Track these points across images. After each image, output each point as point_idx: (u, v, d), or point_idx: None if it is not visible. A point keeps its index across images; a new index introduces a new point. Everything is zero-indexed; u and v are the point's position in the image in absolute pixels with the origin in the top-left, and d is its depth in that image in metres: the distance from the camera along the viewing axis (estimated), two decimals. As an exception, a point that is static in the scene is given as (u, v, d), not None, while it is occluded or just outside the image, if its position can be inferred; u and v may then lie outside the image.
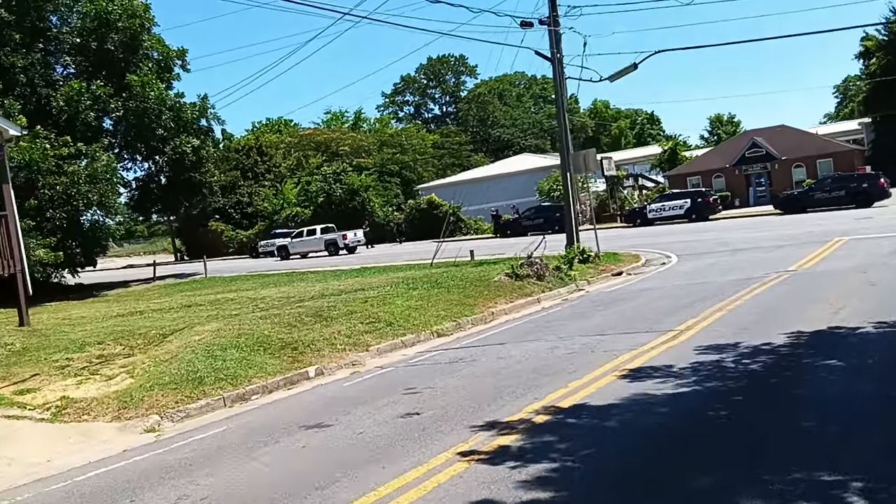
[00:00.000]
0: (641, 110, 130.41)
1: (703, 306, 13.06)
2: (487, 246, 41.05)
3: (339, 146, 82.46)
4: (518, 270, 19.15)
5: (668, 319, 12.13)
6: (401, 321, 14.82)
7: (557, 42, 28.22)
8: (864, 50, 61.15)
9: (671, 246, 28.85)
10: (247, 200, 67.79)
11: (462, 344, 12.95)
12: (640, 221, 45.18)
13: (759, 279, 16.11)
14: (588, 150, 25.84)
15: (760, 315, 11.34)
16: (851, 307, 11.00)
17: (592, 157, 25.05)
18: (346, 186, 59.92)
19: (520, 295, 18.15)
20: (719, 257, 22.85)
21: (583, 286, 20.26)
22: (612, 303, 15.92)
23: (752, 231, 31.35)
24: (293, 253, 51.19)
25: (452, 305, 16.30)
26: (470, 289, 18.08)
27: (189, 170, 42.65)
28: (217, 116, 43.74)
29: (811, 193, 40.43)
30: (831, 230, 27.13)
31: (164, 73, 41.13)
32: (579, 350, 10.39)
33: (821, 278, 14.99)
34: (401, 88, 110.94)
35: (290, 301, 18.59)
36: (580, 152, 25.47)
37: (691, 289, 16.30)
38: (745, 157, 52.97)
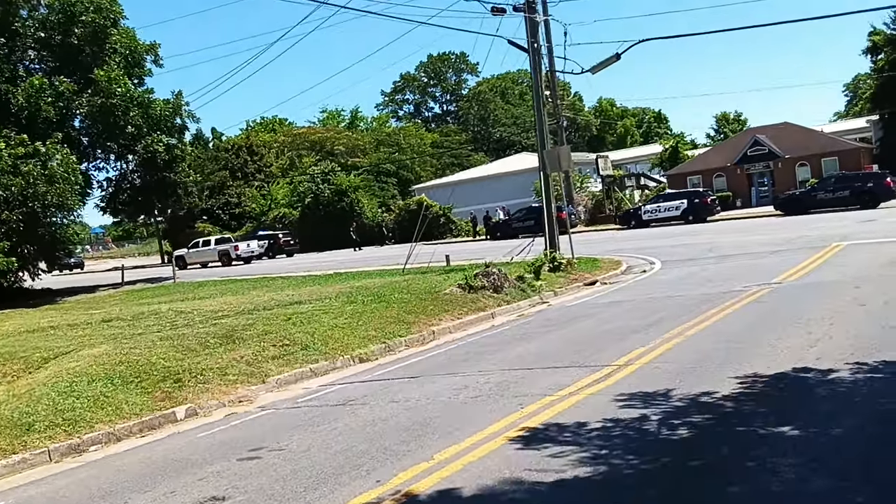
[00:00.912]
0: (649, 109, 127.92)
1: (661, 330, 11.04)
2: (472, 249, 39.13)
3: (334, 145, 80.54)
4: (472, 282, 17.13)
5: (612, 348, 10.10)
6: (319, 344, 12.85)
7: (534, 31, 26.21)
8: (872, 45, 58.71)
9: (658, 251, 26.81)
10: (235, 201, 65.93)
11: (374, 375, 10.96)
12: (634, 223, 43.02)
13: (737, 293, 14.07)
14: (561, 147, 23.79)
15: (718, 347, 9.29)
16: (830, 338, 8.94)
17: (566, 154, 22.98)
18: (335, 187, 57.94)
19: (471, 310, 16.14)
20: (704, 265, 20.79)
21: (548, 298, 18.26)
22: (566, 322, 13.90)
23: (746, 234, 29.23)
24: (190, 263, 50.60)
25: (388, 324, 14.31)
26: (414, 303, 16.08)
27: (162, 169, 40.79)
28: (192, 114, 41.78)
29: (813, 194, 38.17)
30: (830, 234, 25.05)
31: (134, 68, 39.28)
32: (488, 393, 8.38)
33: (805, 294, 12.92)
34: (400, 87, 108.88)
35: (215, 316, 16.63)
36: (553, 149, 23.40)
37: (659, 304, 14.29)
38: (748, 155, 50.69)
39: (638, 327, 11.70)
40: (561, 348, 10.80)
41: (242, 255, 49.36)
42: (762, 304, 12.36)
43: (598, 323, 13.05)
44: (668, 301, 14.53)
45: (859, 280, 13.91)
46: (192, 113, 41.96)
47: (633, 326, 11.88)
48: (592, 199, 53.03)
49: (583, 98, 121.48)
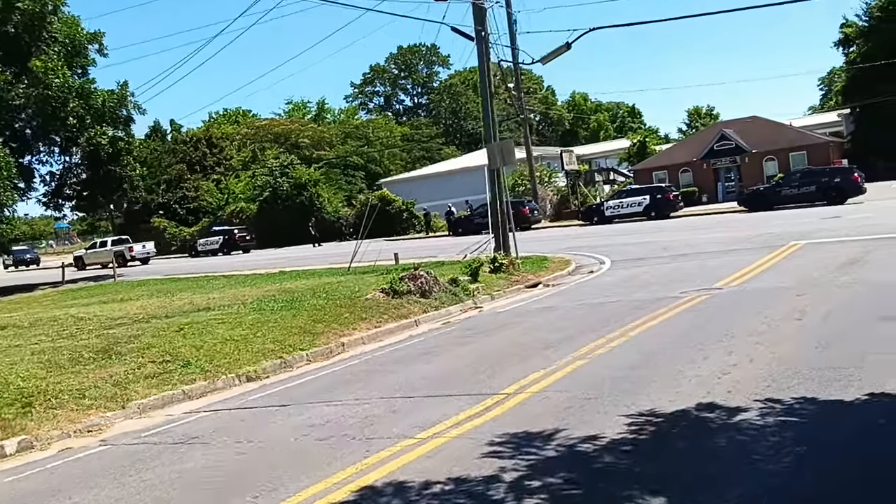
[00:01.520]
0: (623, 103, 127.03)
1: (576, 345, 9.78)
2: (428, 246, 37.84)
3: (299, 138, 78.73)
4: (397, 286, 15.78)
5: (514, 369, 8.82)
6: (203, 361, 11.46)
7: (481, 18, 24.87)
8: (844, 37, 57.92)
9: (612, 249, 25.64)
10: (193, 195, 64.06)
11: (246, 401, 9.61)
12: (597, 219, 41.85)
13: (673, 300, 12.84)
14: (504, 141, 22.45)
15: (624, 371, 8.02)
16: (751, 362, 7.68)
17: (509, 148, 21.63)
18: (294, 180, 56.30)
19: (392, 317, 14.80)
20: (653, 266, 19.60)
21: (483, 302, 16.98)
22: (486, 332, 12.61)
23: (706, 232, 28.10)
24: (89, 264, 50.26)
25: (291, 335, 12.93)
26: (329, 310, 14.72)
27: (106, 163, 39.13)
28: (138, 105, 40.01)
29: (778, 189, 37.09)
30: (790, 232, 23.98)
31: (75, 57, 37.51)
32: (344, 433, 7.03)
33: (742, 303, 11.70)
34: (370, 78, 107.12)
35: (111, 324, 15.19)
36: (495, 143, 22.04)
37: (589, 312, 13.04)
38: (714, 150, 49.63)
39: (554, 341, 10.42)
40: (462, 367, 9.50)
41: (137, 256, 49.53)
42: (693, 314, 11.12)
43: (517, 334, 11.76)
44: (600, 308, 13.28)
45: (806, 286, 12.72)
46: (138, 104, 40.18)
47: (549, 340, 10.60)
48: (558, 195, 51.79)
49: (556, 92, 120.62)
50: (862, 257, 15.86)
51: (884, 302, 10.29)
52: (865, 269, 14.06)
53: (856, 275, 13.45)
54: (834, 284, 12.60)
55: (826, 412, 5.89)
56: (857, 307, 10.17)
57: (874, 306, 10.02)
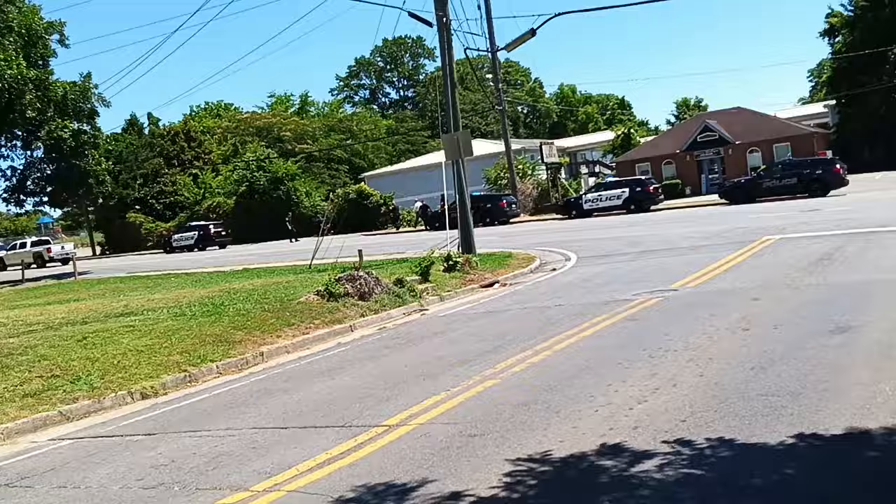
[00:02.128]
0: (613, 95, 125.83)
1: (497, 358, 8.72)
2: (402, 242, 36.71)
3: (281, 131, 77.40)
4: (333, 288, 14.63)
5: (414, 390, 7.74)
6: (95, 375, 10.32)
7: (443, 3, 23.66)
8: (829, 27, 56.88)
9: (583, 245, 24.58)
10: (170, 189, 62.72)
11: (115, 427, 8.47)
12: (575, 213, 40.69)
13: (622, 304, 11.75)
14: (461, 132, 21.24)
15: (535, 392, 6.93)
16: (673, 387, 6.56)
17: (466, 139, 20.45)
18: (271, 174, 55.02)
19: (325, 322, 13.67)
20: (616, 263, 18.53)
21: (431, 304, 15.88)
22: (413, 340, 11.51)
23: (681, 226, 27.03)
24: (9, 265, 49.76)
25: (204, 344, 11.79)
26: (254, 315, 13.58)
27: (69, 157, 37.83)
28: (103, 98, 38.76)
29: (760, 181, 36.00)
30: (766, 226, 22.97)
31: (32, 48, 36.18)
32: (174, 482, 5.87)
33: (691, 309, 10.59)
34: (356, 71, 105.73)
35: (24, 330, 14.04)
36: (451, 134, 20.85)
37: (530, 317, 11.95)
38: (697, 141, 48.55)
39: (477, 353, 9.32)
40: (360, 388, 8.39)
41: (56, 256, 49.30)
42: (635, 322, 10.00)
43: (444, 344, 10.64)
44: (543, 313, 12.17)
45: (767, 288, 11.64)
46: (102, 97, 39.00)
47: (473, 352, 9.49)
48: (538, 188, 50.61)
49: (543, 84, 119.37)
50: (832, 254, 14.80)
51: (842, 307, 9.21)
52: (833, 268, 12.99)
53: (821, 275, 12.37)
54: (794, 286, 11.51)
55: (740, 461, 4.77)
56: (812, 314, 9.08)
57: (831, 313, 8.93)
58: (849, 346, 7.24)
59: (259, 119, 78.83)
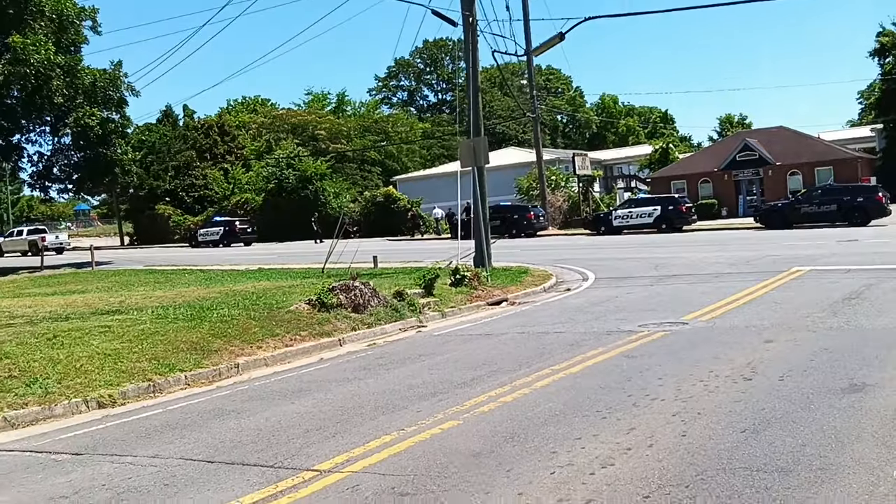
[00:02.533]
0: (656, 108, 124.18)
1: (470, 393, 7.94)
2: (423, 249, 36.07)
3: (316, 129, 77.13)
4: (326, 298, 13.92)
5: (366, 426, 6.96)
6: (54, 378, 9.70)
7: (469, 2, 22.91)
8: (880, 46, 54.89)
9: (604, 264, 23.72)
10: (200, 183, 62.69)
11: (49, 441, 7.79)
12: (604, 229, 39.68)
13: (624, 335, 10.90)
14: (477, 139, 20.40)
15: (492, 441, 6.11)
16: (649, 448, 5.69)
17: (482, 146, 19.60)
18: (299, 173, 54.64)
19: (312, 334, 12.95)
20: (633, 287, 17.62)
21: (430, 320, 15.13)
22: (397, 362, 10.74)
23: (710, 250, 25.97)
24: (7, 251, 51.73)
25: (178, 351, 11.13)
26: (238, 322, 12.91)
27: (96, 145, 37.67)
28: (132, 87, 38.50)
29: (797, 206, 34.67)
30: (798, 256, 21.90)
31: (63, 33, 36.07)
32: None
33: (696, 348, 9.68)
34: (395, 72, 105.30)
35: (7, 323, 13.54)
36: (468, 140, 20.04)
37: (525, 344, 11.12)
38: (736, 160, 47.18)
39: (453, 384, 8.54)
40: (314, 417, 7.64)
41: (50, 245, 49.72)
42: (631, 359, 9.12)
43: (425, 369, 9.85)
44: (540, 340, 11.35)
45: (784, 328, 10.69)
46: (131, 85, 38.68)
47: (450, 382, 8.70)
48: (569, 201, 49.60)
49: (584, 93, 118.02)
50: (862, 292, 13.76)
51: (861, 358, 8.26)
52: (860, 309, 11.96)
53: (845, 316, 11.37)
54: (814, 328, 10.53)
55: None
56: (826, 365, 8.13)
57: (848, 365, 7.99)
58: (859, 411, 6.32)
59: (294, 116, 78.66)
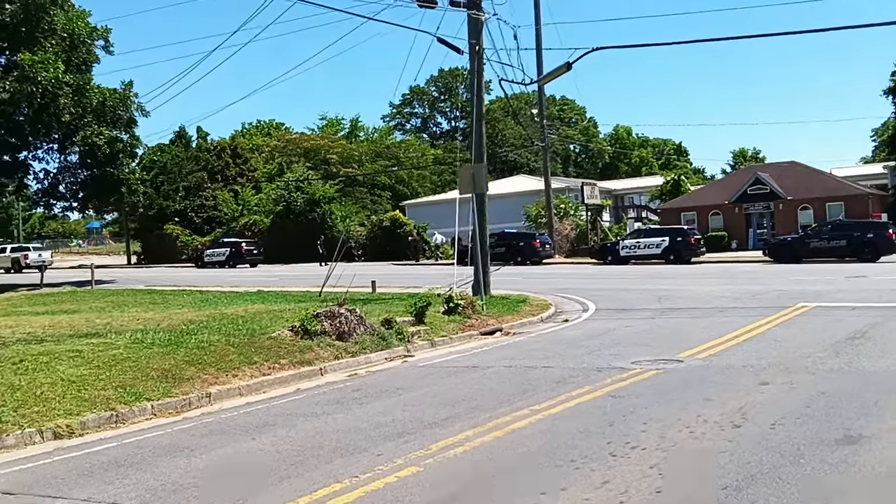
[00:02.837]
0: (670, 140, 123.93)
1: (436, 436, 7.40)
2: (425, 274, 35.52)
3: (328, 153, 77.10)
4: (309, 324, 13.45)
5: (319, 472, 6.46)
6: (11, 406, 9.26)
7: (477, 31, 22.67)
8: (893, 85, 54.45)
9: (606, 294, 23.23)
10: (210, 204, 62.60)
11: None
12: (611, 259, 39.12)
13: (614, 373, 10.38)
14: (477, 165, 20.00)
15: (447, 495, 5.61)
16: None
17: (481, 173, 19.19)
18: (307, 196, 54.45)
19: (291, 363, 12.46)
20: (633, 319, 17.10)
21: (418, 349, 14.64)
22: (372, 395, 10.24)
23: (716, 283, 25.39)
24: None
25: (147, 378, 10.66)
26: (216, 348, 12.44)
27: (104, 164, 37.59)
28: (142, 107, 38.47)
29: (807, 241, 34.07)
30: (805, 291, 21.33)
31: (74, 52, 36.11)
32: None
33: (688, 389, 9.14)
34: (409, 99, 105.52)
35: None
36: (468, 166, 19.65)
37: (510, 380, 10.61)
38: (747, 193, 46.64)
39: (423, 424, 8.03)
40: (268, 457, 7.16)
41: (32, 263, 51.11)
42: (615, 401, 8.58)
43: (396, 405, 9.33)
44: (527, 375, 10.84)
45: (782, 368, 10.13)
46: (141, 105, 38.67)
47: (421, 420, 8.21)
48: (577, 229, 49.12)
49: (598, 124, 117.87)
50: (867, 331, 13.19)
51: (860, 406, 7.70)
52: (863, 349, 11.40)
53: (847, 357, 10.81)
54: (814, 369, 9.98)
55: None
56: (822, 412, 7.58)
57: (846, 412, 7.44)
58: (852, 466, 5.77)
59: (307, 140, 78.69)
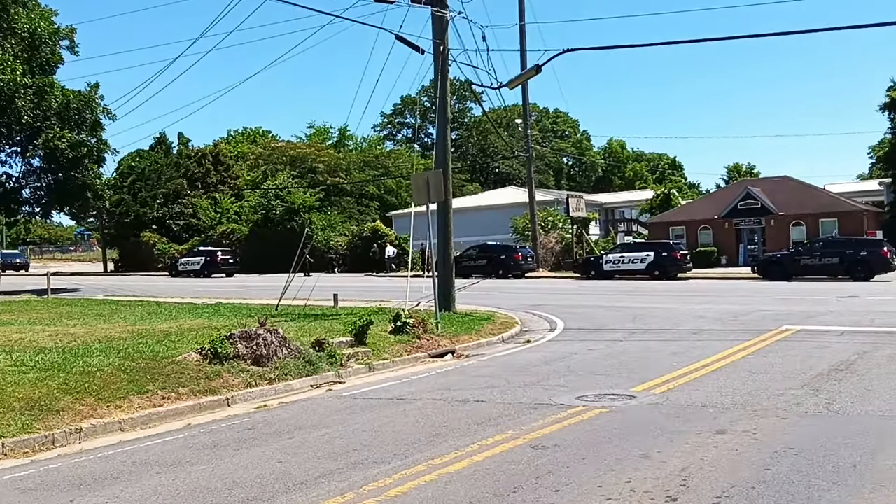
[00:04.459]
0: (665, 155, 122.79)
1: (304, 499, 5.77)
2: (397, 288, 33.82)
3: (315, 162, 75.50)
4: (220, 347, 11.82)
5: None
6: None
7: (441, 30, 21.25)
8: (890, 101, 53.06)
9: (579, 312, 21.80)
10: (189, 211, 61.01)
11: None
12: (594, 273, 37.56)
13: (554, 411, 8.83)
14: (431, 172, 18.46)
15: None
16: None
17: (436, 181, 17.59)
18: (287, 204, 52.88)
19: (194, 391, 10.83)
20: (598, 342, 15.55)
21: (352, 374, 13.03)
22: (268, 435, 8.64)
23: (699, 301, 23.86)
24: None
25: (7, 410, 9.06)
26: (104, 373, 10.83)
27: (67, 168, 36.06)
28: (107, 110, 36.94)
29: (797, 258, 32.56)
30: (791, 311, 19.87)
31: (35, 52, 34.62)
32: None
33: (626, 438, 7.56)
34: (400, 109, 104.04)
35: None
36: (422, 173, 18.14)
37: (435, 417, 9.04)
38: (738, 208, 45.13)
39: (287, 486, 6.45)
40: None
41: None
42: (535, 454, 6.98)
43: (277, 453, 7.72)
44: (455, 411, 9.27)
45: (747, 411, 8.56)
46: (107, 108, 37.15)
47: (288, 481, 6.62)
48: (562, 242, 47.57)
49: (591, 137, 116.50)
50: (854, 361, 11.64)
51: (835, 469, 6.12)
52: (847, 385, 9.83)
53: (828, 395, 9.24)
54: (785, 413, 8.40)
55: None
56: (786, 478, 6.00)
57: (815, 479, 5.87)
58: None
59: (294, 148, 77.12)
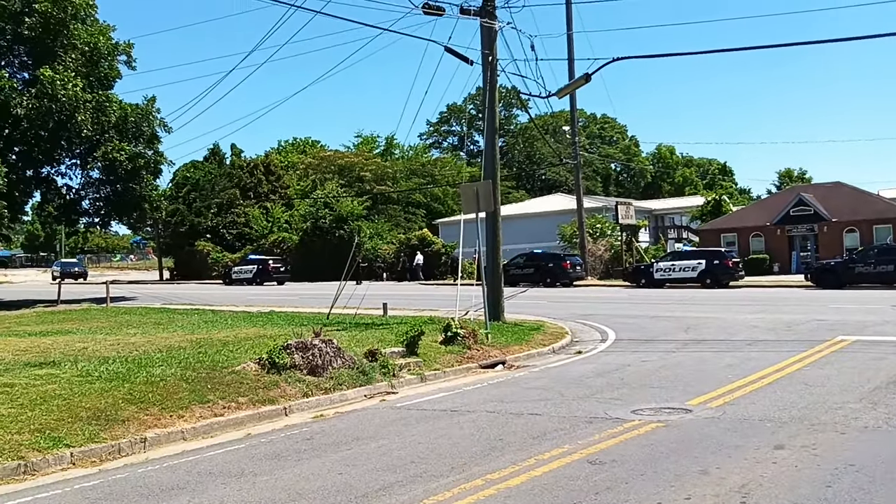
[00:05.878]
0: (715, 160, 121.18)
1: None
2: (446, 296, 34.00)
3: (362, 171, 76.21)
4: (277, 357, 12.08)
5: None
6: None
7: (490, 41, 21.42)
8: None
9: (630, 322, 21.73)
10: (241, 221, 62.03)
11: None
12: (644, 282, 37.25)
13: (610, 425, 8.89)
14: (481, 182, 18.54)
15: None
16: None
17: (486, 191, 17.69)
18: (335, 213, 53.47)
19: (253, 401, 11.09)
20: (651, 353, 15.48)
21: (405, 385, 13.21)
22: (320, 448, 8.82)
23: (751, 310, 23.57)
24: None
25: (74, 420, 9.38)
26: (166, 383, 11.14)
27: (125, 180, 36.97)
28: (163, 122, 37.83)
29: (851, 266, 31.91)
30: (846, 321, 19.55)
31: (95, 67, 35.58)
32: None
33: (684, 453, 7.57)
34: (447, 117, 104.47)
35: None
36: (471, 183, 18.23)
37: (490, 430, 9.13)
38: (790, 215, 44.37)
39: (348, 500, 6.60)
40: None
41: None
42: (592, 469, 7.04)
43: (333, 466, 7.88)
44: (509, 424, 9.35)
45: (805, 425, 8.50)
46: (163, 121, 38.06)
47: (351, 492, 6.79)
48: (611, 250, 47.29)
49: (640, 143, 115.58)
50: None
51: None
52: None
53: (889, 408, 9.15)
54: (843, 427, 8.32)
55: None
56: (847, 496, 5.98)
57: (878, 496, 5.83)
58: None
59: (342, 158, 77.94)
